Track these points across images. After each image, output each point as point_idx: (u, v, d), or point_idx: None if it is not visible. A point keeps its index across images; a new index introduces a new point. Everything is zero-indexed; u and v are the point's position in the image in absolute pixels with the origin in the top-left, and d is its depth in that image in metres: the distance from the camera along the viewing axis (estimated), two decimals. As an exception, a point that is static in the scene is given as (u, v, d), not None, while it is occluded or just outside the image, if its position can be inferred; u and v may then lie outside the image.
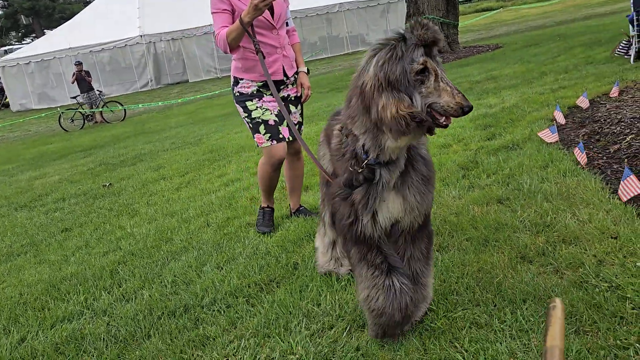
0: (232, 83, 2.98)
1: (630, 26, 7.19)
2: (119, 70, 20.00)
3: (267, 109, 2.91)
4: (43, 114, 17.81)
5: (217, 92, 16.02)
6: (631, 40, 7.16)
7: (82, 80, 14.29)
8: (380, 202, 1.77)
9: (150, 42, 19.76)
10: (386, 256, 1.87)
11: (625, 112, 4.20)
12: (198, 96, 15.92)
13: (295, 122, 2.99)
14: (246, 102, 2.92)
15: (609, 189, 2.93)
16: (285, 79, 2.93)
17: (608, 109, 4.48)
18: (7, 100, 21.42)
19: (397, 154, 1.71)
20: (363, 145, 1.71)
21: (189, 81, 20.28)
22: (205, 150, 6.84)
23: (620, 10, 14.53)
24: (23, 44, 34.18)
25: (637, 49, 6.84)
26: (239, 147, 6.54)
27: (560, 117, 4.49)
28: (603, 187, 2.96)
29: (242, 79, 2.91)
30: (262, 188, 3.19)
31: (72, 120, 14.30)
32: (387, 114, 1.50)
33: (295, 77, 3.01)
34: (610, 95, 4.90)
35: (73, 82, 14.52)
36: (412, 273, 1.92)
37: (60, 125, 14.21)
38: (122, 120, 14.28)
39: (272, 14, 2.74)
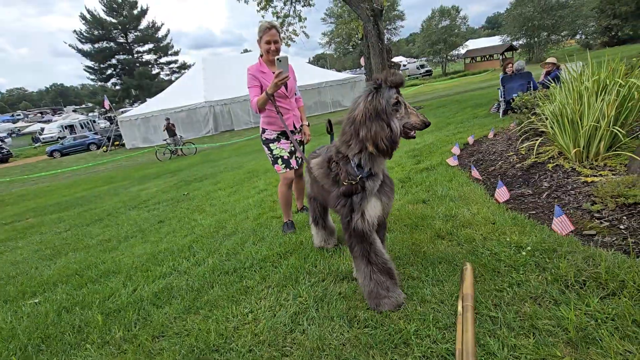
0: (260, 132, 2.93)
1: (500, 94, 7.32)
2: (192, 122, 19.91)
3: (282, 149, 2.85)
4: (146, 150, 17.70)
5: (252, 136, 15.99)
6: (499, 103, 7.28)
7: (170, 129, 14.23)
8: (368, 204, 1.69)
9: (211, 105, 19.73)
10: (377, 254, 1.74)
11: (497, 147, 4.26)
12: (240, 139, 15.91)
13: (299, 157, 2.95)
14: (270, 144, 2.86)
15: (489, 194, 2.96)
16: (294, 129, 2.88)
17: (487, 145, 4.53)
18: (123, 142, 21.28)
19: (380, 168, 1.68)
20: (358, 164, 1.65)
21: (235, 129, 20.24)
22: (245, 172, 6.84)
23: (494, 85, 14.73)
24: (133, 107, 34.04)
25: (503, 109, 6.95)
26: (266, 170, 6.53)
27: (458, 151, 4.54)
28: (485, 193, 3.00)
29: (267, 129, 2.86)
30: (282, 206, 3.03)
31: (164, 154, 14.23)
32: (378, 139, 1.49)
33: (300, 128, 2.95)
34: (489, 137, 4.96)
35: (164, 131, 14.44)
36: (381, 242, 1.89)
37: (156, 157, 14.11)
38: (194, 154, 14.21)
39: (286, 88, 2.71)
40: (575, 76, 3.29)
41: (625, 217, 2.11)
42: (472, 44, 46.46)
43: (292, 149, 2.90)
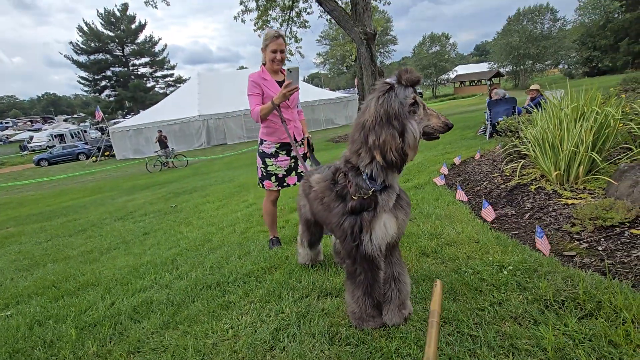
0: (258, 142, 2.81)
1: (486, 118, 7.52)
2: (184, 135, 19.86)
3: (279, 166, 2.73)
4: (136, 161, 17.50)
5: (244, 150, 15.98)
6: (486, 126, 7.47)
7: (162, 141, 14.17)
8: (380, 222, 1.47)
9: (204, 119, 19.77)
10: (380, 287, 1.62)
11: (483, 167, 4.34)
12: (232, 153, 15.89)
13: (300, 170, 2.82)
14: (265, 159, 2.74)
15: (473, 213, 3.00)
16: (294, 141, 2.71)
17: (473, 166, 4.62)
18: (114, 152, 21.05)
19: (395, 180, 1.49)
20: (370, 175, 1.44)
21: (228, 143, 20.24)
22: (235, 185, 6.80)
23: (481, 109, 15.16)
24: (126, 118, 33.88)
25: (489, 132, 7.13)
26: (255, 184, 6.50)
27: (445, 170, 4.62)
28: (470, 212, 3.03)
29: (265, 140, 2.73)
30: (268, 223, 2.94)
31: (154, 166, 14.09)
32: (387, 150, 1.30)
33: (302, 141, 2.80)
34: (475, 158, 5.06)
35: (156, 142, 14.38)
36: (391, 273, 1.65)
37: (147, 169, 13.97)
38: (185, 166, 14.12)
39: (289, 98, 2.57)
40: (556, 103, 3.42)
41: (603, 239, 2.15)
42: (462, 69, 48.08)
43: (292, 165, 2.77)
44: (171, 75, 46.86)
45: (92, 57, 41.46)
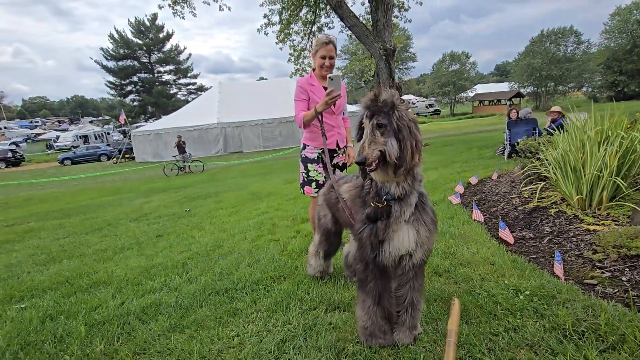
0: (301, 147, 2.77)
1: (505, 138, 7.40)
2: (202, 142, 20.29)
3: (320, 172, 2.69)
4: (154, 165, 17.95)
5: (259, 158, 16.19)
6: (505, 146, 7.34)
7: (180, 146, 14.49)
8: (393, 233, 1.48)
9: (222, 127, 20.19)
10: (391, 296, 1.61)
11: (500, 188, 4.25)
12: (247, 160, 16.10)
13: (322, 177, 2.74)
14: (308, 164, 2.68)
15: (489, 234, 2.92)
16: (337, 148, 2.68)
17: (490, 185, 4.52)
18: (134, 155, 21.67)
19: (401, 191, 1.46)
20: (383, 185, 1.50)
21: (244, 152, 20.54)
22: (248, 193, 6.85)
23: (499, 129, 14.95)
24: (148, 122, 34.92)
25: (508, 152, 7.00)
26: (269, 192, 6.55)
27: (461, 189, 4.54)
28: (486, 232, 2.96)
29: (308, 145, 2.67)
30: (313, 225, 2.79)
31: (171, 170, 14.39)
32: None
33: (344, 149, 2.76)
34: (492, 178, 4.97)
35: (174, 147, 14.72)
36: (410, 299, 1.61)
37: (164, 172, 14.26)
38: (201, 172, 14.35)
39: (334, 105, 2.53)
40: (579, 125, 3.34)
41: (627, 269, 2.05)
42: (481, 88, 47.69)
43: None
44: (193, 83, 48.36)
45: (120, 63, 43.30)
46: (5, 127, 48.56)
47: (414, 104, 45.87)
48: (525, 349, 1.49)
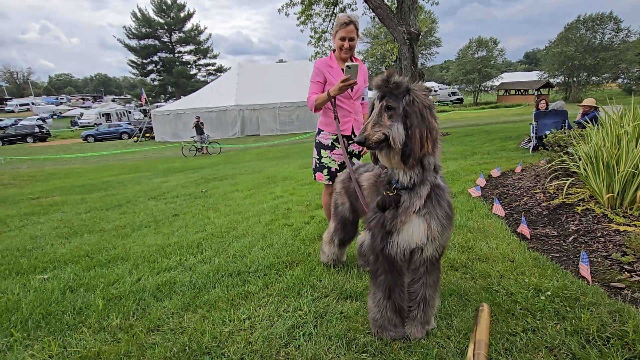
0: (316, 132, 2.71)
1: (531, 130, 7.09)
2: (220, 124, 20.44)
3: (333, 159, 2.62)
4: (173, 145, 18.28)
5: (276, 142, 16.21)
6: (530, 138, 7.05)
7: (198, 127, 14.65)
8: (402, 225, 1.44)
9: (240, 109, 20.24)
10: (402, 291, 1.57)
11: (523, 182, 4.09)
12: (264, 144, 16.15)
13: (336, 165, 2.68)
14: (321, 150, 2.63)
15: (510, 229, 2.83)
16: (352, 136, 2.56)
17: (513, 179, 4.36)
18: (153, 134, 22.09)
19: (409, 180, 1.40)
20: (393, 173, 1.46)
21: (261, 135, 20.60)
22: (264, 177, 6.88)
23: (525, 120, 14.38)
24: (167, 102, 35.38)
25: (534, 145, 6.72)
26: (284, 177, 6.55)
27: (482, 182, 4.40)
28: (506, 227, 2.86)
29: (323, 131, 2.61)
30: (327, 215, 2.81)
31: (189, 150, 14.61)
32: None
33: None
34: (516, 171, 4.78)
35: (193, 128, 14.89)
36: (423, 295, 1.57)
37: (182, 153, 14.51)
38: (218, 153, 14.51)
39: (352, 89, 2.45)
40: (615, 119, 3.13)
41: (659, 274, 1.94)
42: (508, 77, 45.74)
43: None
44: (213, 64, 48.47)
45: (142, 42, 43.74)
46: (32, 103, 50.29)
47: (435, 91, 44.59)
48: (544, 352, 1.44)
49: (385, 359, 1.48)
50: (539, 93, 35.93)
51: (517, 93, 41.28)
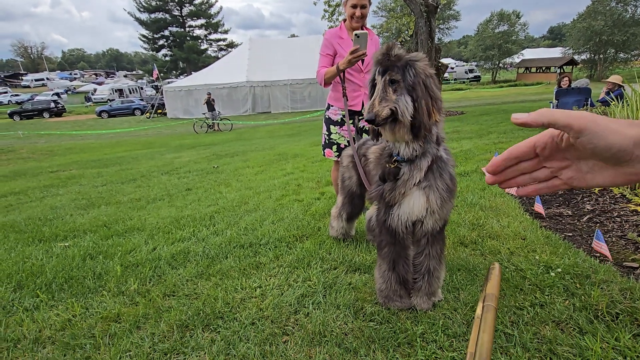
0: (325, 107, 2.65)
1: (551, 108, 6.84)
2: (231, 100, 20.37)
3: (342, 135, 2.58)
4: (185, 121, 18.37)
5: (287, 120, 16.12)
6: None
7: (210, 103, 14.64)
8: (403, 198, 1.44)
9: (252, 86, 20.06)
10: (407, 263, 1.59)
11: (540, 162, 3.99)
12: (275, 121, 16.08)
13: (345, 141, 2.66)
14: (330, 126, 2.59)
15: (522, 208, 2.79)
16: (363, 111, 2.45)
17: (529, 159, 4.26)
18: (165, 110, 22.19)
19: (412, 152, 1.38)
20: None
21: (272, 112, 20.49)
22: (275, 154, 6.90)
23: (545, 99, 13.86)
24: (179, 78, 35.27)
25: (554, 124, 6.50)
26: (295, 154, 6.56)
27: (497, 160, 4.31)
28: (519, 206, 2.82)
29: (332, 106, 2.55)
30: (336, 188, 2.77)
31: (201, 127, 14.68)
32: None
33: None
34: (532, 151, 4.67)
35: (204, 104, 14.89)
36: (427, 267, 1.59)
37: (194, 129, 14.61)
38: (230, 130, 14.56)
39: (362, 61, 2.35)
40: (642, 95, 2.99)
41: (676, 255, 1.91)
42: (529, 53, 43.81)
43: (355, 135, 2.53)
44: (224, 39, 47.77)
45: (152, 15, 43.17)
46: (47, 79, 50.89)
47: (452, 68, 43.12)
48: (550, 325, 1.45)
49: (392, 328, 1.52)
50: (562, 71, 34.38)
51: (538, 71, 39.61)
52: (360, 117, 2.54)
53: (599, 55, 33.71)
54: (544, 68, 38.91)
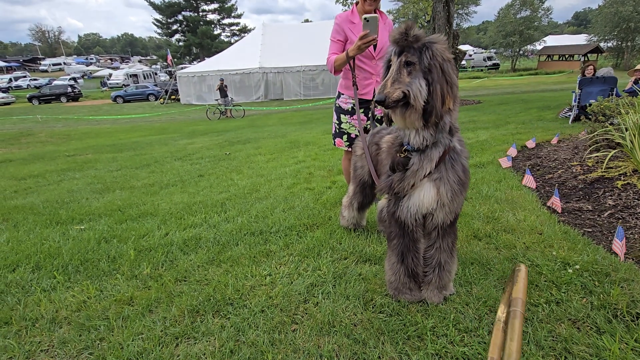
0: (336, 96, 2.58)
1: (574, 99, 6.58)
2: (244, 87, 20.30)
3: (353, 125, 2.50)
4: (198, 107, 18.46)
5: (299, 106, 16.02)
6: (572, 108, 6.57)
7: (222, 90, 14.62)
8: (414, 188, 1.40)
9: (264, 72, 19.92)
10: (416, 257, 1.56)
11: (560, 154, 3.86)
12: (287, 108, 15.99)
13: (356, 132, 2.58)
14: (341, 115, 2.52)
15: (540, 202, 2.71)
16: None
17: (549, 150, 4.12)
18: (179, 97, 22.32)
19: (422, 141, 1.33)
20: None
21: (284, 99, 20.36)
22: (287, 141, 6.87)
23: (567, 89, 13.35)
24: (192, 64, 35.29)
25: (575, 114, 6.27)
26: (307, 142, 6.52)
27: (513, 152, 4.19)
28: (536, 200, 2.75)
29: (343, 94, 2.47)
30: (347, 178, 2.74)
31: (214, 114, 14.72)
32: None
33: None
34: (552, 142, 4.52)
35: (216, 90, 14.88)
36: (438, 260, 1.55)
37: (207, 115, 14.66)
38: (242, 117, 14.56)
39: (374, 47, 2.25)
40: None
41: (703, 254, 1.82)
42: (552, 40, 42.08)
43: (367, 126, 2.45)
44: (237, 24, 47.34)
45: None
46: (64, 63, 51.67)
47: (470, 55, 41.86)
48: (566, 324, 1.41)
49: (402, 320, 1.50)
50: (586, 59, 32.94)
51: (560, 59, 38.07)
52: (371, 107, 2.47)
53: (627, 43, 32.11)
54: (567, 56, 37.33)
